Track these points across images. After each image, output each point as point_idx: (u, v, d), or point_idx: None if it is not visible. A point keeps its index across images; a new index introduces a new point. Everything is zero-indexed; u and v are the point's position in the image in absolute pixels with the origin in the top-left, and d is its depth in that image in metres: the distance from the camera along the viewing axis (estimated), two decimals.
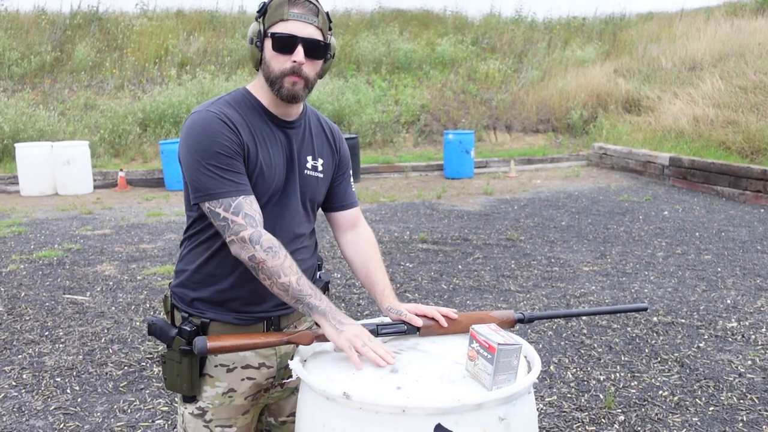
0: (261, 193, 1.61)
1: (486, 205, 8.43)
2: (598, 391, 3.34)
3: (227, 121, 1.55)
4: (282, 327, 1.70)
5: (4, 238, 6.86)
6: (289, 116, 1.67)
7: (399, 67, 14.87)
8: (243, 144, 1.56)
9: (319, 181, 1.72)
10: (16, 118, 11.38)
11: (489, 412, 1.37)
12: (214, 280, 1.65)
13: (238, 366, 1.65)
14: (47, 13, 15.44)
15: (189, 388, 1.64)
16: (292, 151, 1.66)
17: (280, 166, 1.64)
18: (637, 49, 15.58)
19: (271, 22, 1.55)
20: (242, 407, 1.68)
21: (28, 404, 3.26)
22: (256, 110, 1.63)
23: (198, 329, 1.62)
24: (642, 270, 5.45)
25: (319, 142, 1.73)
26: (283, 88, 1.57)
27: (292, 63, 1.54)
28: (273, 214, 1.64)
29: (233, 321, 1.65)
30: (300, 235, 1.71)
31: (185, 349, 1.59)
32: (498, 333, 1.44)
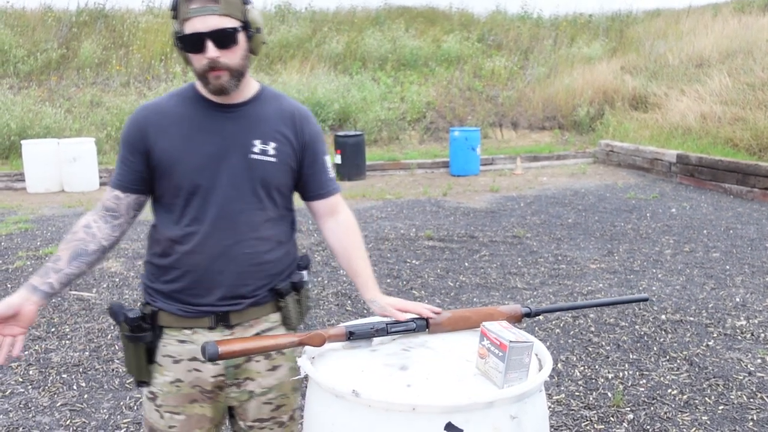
0: (181, 182, 1.61)
1: (492, 203, 8.41)
2: (606, 390, 3.32)
3: (137, 118, 1.64)
4: (232, 323, 1.66)
5: (11, 234, 6.87)
6: (231, 101, 1.64)
7: (405, 64, 14.83)
8: (146, 140, 1.61)
9: (272, 166, 1.65)
10: (22, 115, 11.39)
11: (500, 410, 1.36)
12: (160, 271, 1.68)
13: (185, 358, 1.66)
14: (53, 10, 15.45)
15: (138, 372, 1.67)
16: (231, 136, 1.63)
17: (208, 154, 1.61)
18: (644, 46, 15.49)
19: (180, 23, 1.55)
20: (190, 396, 1.68)
21: (34, 400, 3.26)
22: (193, 100, 1.65)
23: (145, 317, 1.65)
24: (650, 267, 5.42)
25: (271, 126, 1.67)
26: (209, 84, 1.57)
27: (207, 59, 1.53)
28: (207, 203, 1.61)
29: (178, 312, 1.65)
30: (250, 224, 1.65)
31: (128, 335, 1.64)
32: (509, 330, 1.42)
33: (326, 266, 5.57)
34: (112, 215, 1.66)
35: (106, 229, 1.65)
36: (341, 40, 15.07)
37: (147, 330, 1.65)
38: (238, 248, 1.63)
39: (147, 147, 1.61)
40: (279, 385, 1.73)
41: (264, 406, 1.72)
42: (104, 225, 1.65)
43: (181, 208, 1.63)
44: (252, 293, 1.67)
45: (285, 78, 13.27)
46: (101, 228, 1.64)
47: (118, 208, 1.66)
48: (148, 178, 1.65)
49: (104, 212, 1.66)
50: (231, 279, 1.63)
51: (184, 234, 1.62)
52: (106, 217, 1.66)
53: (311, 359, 1.57)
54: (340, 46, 14.87)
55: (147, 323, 1.65)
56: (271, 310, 1.72)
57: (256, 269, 1.66)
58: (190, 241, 1.62)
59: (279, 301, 1.72)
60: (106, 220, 1.66)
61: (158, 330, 1.67)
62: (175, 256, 1.64)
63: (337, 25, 15.96)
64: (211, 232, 1.62)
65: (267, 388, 1.71)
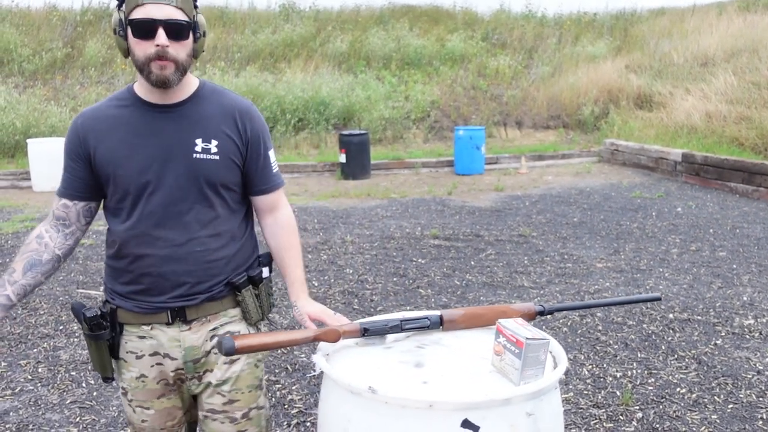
0: (126, 186, 1.62)
1: (497, 202, 8.40)
2: (614, 388, 3.31)
3: (76, 124, 1.66)
4: (189, 319, 1.67)
5: (18, 233, 6.89)
6: (169, 101, 1.63)
7: (409, 63, 14.82)
8: (86, 147, 1.63)
9: (215, 164, 1.64)
10: (27, 114, 11.42)
11: (517, 407, 1.36)
12: (117, 273, 1.70)
13: (146, 354, 1.69)
14: (58, 9, 15.48)
15: (101, 369, 1.71)
16: (172, 136, 1.62)
17: (151, 156, 1.61)
18: (648, 45, 15.46)
19: (129, 9, 1.53)
20: (155, 391, 1.72)
21: (44, 398, 3.27)
22: (131, 102, 1.64)
23: (103, 315, 1.67)
24: (656, 267, 5.41)
25: (213, 124, 1.66)
26: (151, 74, 1.54)
27: (156, 47, 1.52)
28: (153, 204, 1.62)
29: (135, 309, 1.67)
30: (199, 222, 1.65)
31: (87, 333, 1.67)
32: (525, 327, 1.42)
33: (332, 265, 5.57)
34: (63, 224, 1.69)
35: (58, 239, 1.68)
36: (345, 39, 15.07)
37: (105, 328, 1.67)
38: (189, 247, 1.65)
39: (87, 153, 1.63)
40: (235, 379, 1.73)
41: (216, 396, 1.73)
42: (56, 234, 1.68)
43: (128, 212, 1.64)
44: (207, 289, 1.68)
45: (289, 77, 13.27)
46: (53, 237, 1.68)
47: (68, 217, 1.69)
48: (93, 185, 1.67)
49: (55, 221, 1.69)
50: (184, 278, 1.65)
51: (134, 236, 1.63)
52: (58, 226, 1.69)
53: (326, 356, 1.57)
54: (345, 45, 14.87)
55: (106, 321, 1.67)
56: (229, 305, 1.73)
57: (209, 266, 1.67)
58: (140, 243, 1.63)
59: (237, 295, 1.73)
60: (58, 229, 1.69)
61: (119, 327, 1.70)
62: (128, 259, 1.66)
63: (341, 24, 15.96)
64: (160, 233, 1.63)
65: (221, 381, 1.72)
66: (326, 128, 12.30)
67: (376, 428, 1.37)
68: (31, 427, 2.99)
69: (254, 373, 1.77)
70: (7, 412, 3.12)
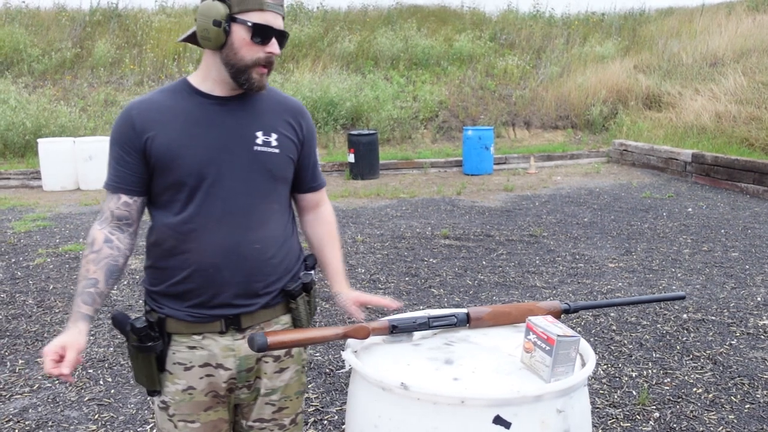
0: (184, 177, 1.55)
1: (507, 202, 8.40)
2: (630, 388, 3.31)
3: (129, 113, 1.57)
4: (243, 327, 1.62)
5: (30, 232, 6.93)
6: (229, 93, 1.61)
7: (417, 63, 14.83)
8: (141, 137, 1.55)
9: (276, 157, 1.62)
10: (37, 114, 11.48)
11: (548, 404, 1.36)
12: (165, 274, 1.62)
13: (196, 365, 1.61)
14: (67, 9, 15.56)
15: (148, 382, 1.62)
16: (233, 128, 1.59)
17: (211, 147, 1.56)
18: (657, 45, 15.43)
19: (245, 9, 1.50)
20: (203, 404, 1.64)
21: (62, 395, 3.29)
22: (188, 94, 1.60)
23: (151, 325, 1.58)
24: (669, 267, 5.40)
25: (271, 118, 1.64)
26: (251, 79, 1.54)
27: (267, 54, 1.53)
28: (211, 197, 1.56)
29: (187, 318, 1.59)
30: (258, 219, 1.61)
31: (136, 345, 1.57)
32: (555, 324, 1.43)
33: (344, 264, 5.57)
34: (126, 223, 1.61)
35: (126, 240, 1.61)
36: (353, 39, 15.09)
37: (156, 339, 1.58)
38: (249, 243, 1.59)
39: (143, 144, 1.55)
40: (284, 387, 1.71)
41: (266, 407, 1.70)
42: (122, 235, 1.61)
43: (183, 205, 1.57)
44: (263, 291, 1.63)
45: (297, 77, 13.30)
46: (121, 239, 1.60)
47: (131, 215, 1.61)
48: (148, 178, 1.59)
49: (117, 222, 1.60)
50: (241, 276, 1.59)
51: (189, 232, 1.56)
52: (121, 226, 1.61)
53: (354, 352, 1.58)
54: (353, 46, 14.89)
55: (155, 332, 1.59)
56: (281, 312, 1.70)
57: (266, 264, 1.62)
58: (196, 239, 1.56)
59: (290, 302, 1.69)
60: (122, 230, 1.61)
61: (167, 337, 1.61)
62: (180, 257, 1.58)
63: (349, 24, 15.98)
64: (218, 228, 1.56)
65: (271, 389, 1.69)
66: (335, 128, 12.32)
67: (407, 424, 1.37)
68: (50, 423, 3.01)
69: (301, 380, 1.76)
70: (26, 409, 3.15)
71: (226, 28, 1.51)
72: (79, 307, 1.54)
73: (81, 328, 1.53)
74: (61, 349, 1.49)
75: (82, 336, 1.52)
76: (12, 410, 3.14)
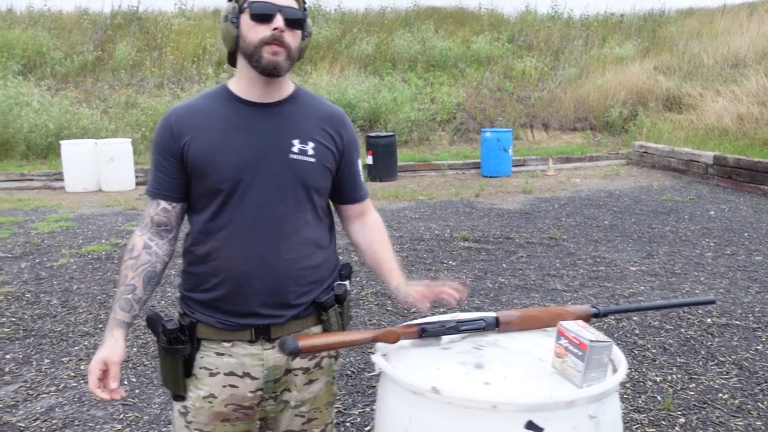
0: (219, 182, 1.54)
1: (526, 204, 8.36)
2: (655, 393, 3.28)
3: (169, 119, 1.59)
4: (273, 337, 1.59)
5: (53, 232, 7.01)
6: (267, 99, 1.59)
7: (434, 65, 14.82)
8: (179, 142, 1.56)
9: (311, 166, 1.60)
10: (60, 116, 11.63)
11: (580, 409, 1.35)
12: (198, 279, 1.62)
13: (222, 372, 1.59)
14: (89, 13, 15.74)
15: (174, 386, 1.61)
16: (269, 135, 1.57)
17: (246, 153, 1.55)
18: (677, 46, 15.29)
19: None
20: (221, 415, 1.61)
21: (87, 394, 3.32)
22: (227, 100, 1.59)
23: (183, 328, 1.59)
24: (691, 270, 5.35)
25: (309, 126, 1.62)
26: (262, 58, 1.51)
27: (272, 31, 1.50)
28: (244, 204, 1.55)
29: (217, 325, 1.59)
30: (291, 227, 1.59)
31: (165, 347, 1.58)
32: (587, 330, 1.42)
33: (364, 266, 5.57)
34: (166, 229, 1.62)
35: (164, 246, 1.62)
36: (371, 41, 15.11)
37: (185, 342, 1.58)
38: (279, 253, 1.57)
39: (180, 149, 1.56)
40: (313, 399, 1.70)
41: (296, 419, 1.69)
42: (161, 242, 1.62)
43: (216, 211, 1.56)
44: (294, 302, 1.61)
45: (315, 79, 13.34)
46: (160, 245, 1.61)
47: (170, 221, 1.62)
48: (185, 184, 1.59)
49: (156, 228, 1.61)
50: (272, 285, 1.57)
51: (220, 239, 1.56)
52: (160, 232, 1.61)
53: (383, 356, 1.58)
54: (370, 47, 14.91)
55: (185, 335, 1.59)
56: (312, 324, 1.67)
57: (297, 275, 1.60)
58: (227, 246, 1.56)
59: (321, 314, 1.67)
60: (161, 236, 1.62)
61: (196, 342, 1.61)
62: (212, 263, 1.58)
63: (366, 26, 16.01)
64: (249, 236, 1.55)
65: (301, 401, 1.68)
66: None
67: (437, 428, 1.37)
68: (76, 423, 3.05)
69: (331, 390, 1.74)
70: (53, 408, 3.19)
71: (234, 20, 1.54)
72: (116, 313, 1.55)
73: (117, 337, 1.54)
74: (103, 364, 1.51)
75: (119, 346, 1.54)
76: (39, 409, 3.18)
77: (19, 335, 4.13)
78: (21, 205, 8.67)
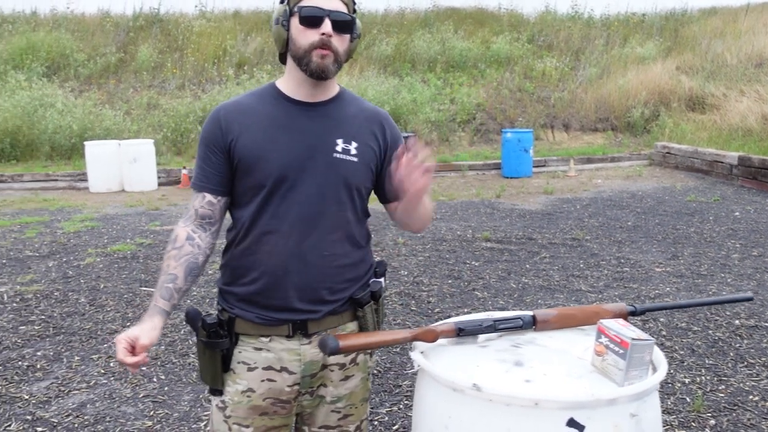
0: (264, 179, 1.57)
1: (547, 205, 8.32)
2: (684, 395, 3.25)
3: (218, 114, 1.61)
4: (310, 332, 1.62)
5: (79, 232, 7.11)
6: (314, 99, 1.62)
7: (454, 65, 14.80)
8: (227, 137, 1.58)
9: (354, 166, 1.62)
10: (83, 117, 11.79)
11: (621, 407, 1.35)
12: (237, 273, 1.64)
13: (260, 367, 1.61)
14: (111, 15, 15.94)
15: (212, 380, 1.63)
16: (314, 134, 1.60)
17: (292, 151, 1.57)
18: (700, 46, 15.12)
19: (294, 4, 1.55)
20: (260, 408, 1.62)
21: (118, 391, 3.37)
22: (274, 98, 1.62)
23: (222, 323, 1.61)
24: (717, 272, 5.29)
25: (353, 126, 1.64)
26: (311, 62, 1.54)
27: (321, 36, 1.52)
28: (288, 201, 1.58)
29: (256, 320, 1.61)
30: (331, 226, 1.61)
31: (204, 341, 1.59)
32: (628, 328, 1.42)
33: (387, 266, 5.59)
34: (209, 222, 1.64)
35: (207, 238, 1.64)
36: (390, 42, 15.13)
37: (224, 336, 1.60)
38: (318, 250, 1.60)
39: (227, 144, 1.58)
40: (349, 395, 1.71)
41: (332, 414, 1.70)
42: (204, 234, 1.63)
43: (259, 207, 1.59)
44: (330, 298, 1.63)
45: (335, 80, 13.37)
46: (203, 237, 1.63)
47: (214, 214, 1.64)
48: (231, 179, 1.62)
49: (200, 220, 1.63)
50: (309, 281, 1.60)
51: (261, 234, 1.58)
52: (204, 225, 1.63)
53: (421, 353, 1.58)
54: (390, 48, 14.93)
55: (224, 330, 1.61)
56: (348, 319, 1.69)
57: (334, 272, 1.63)
58: (267, 241, 1.58)
59: (357, 310, 1.69)
60: (205, 229, 1.64)
61: (234, 337, 1.63)
62: (251, 258, 1.60)
63: (386, 27, 16.03)
64: (291, 232, 1.58)
65: (337, 397, 1.70)
66: None
67: (478, 425, 1.37)
68: (107, 419, 3.09)
69: (366, 386, 1.76)
70: (84, 405, 3.23)
71: (284, 23, 1.56)
72: (157, 301, 1.57)
73: (156, 323, 1.55)
74: (133, 339, 1.50)
75: (155, 330, 1.54)
76: (71, 405, 3.23)
77: (49, 333, 4.19)
78: (46, 205, 8.80)
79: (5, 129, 11.27)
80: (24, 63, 13.28)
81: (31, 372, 3.62)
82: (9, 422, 3.07)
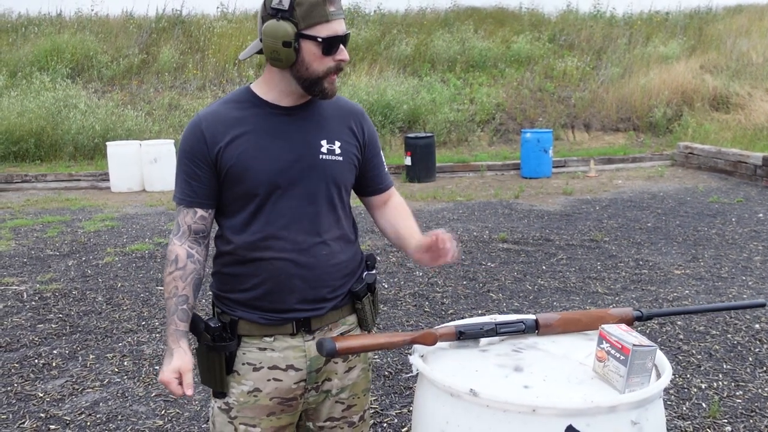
0: (254, 188, 1.57)
1: (566, 205, 8.24)
2: (700, 400, 3.19)
3: (199, 126, 1.58)
4: (313, 329, 1.64)
5: (99, 231, 7.20)
6: (292, 102, 1.61)
7: (474, 65, 14.72)
8: (212, 150, 1.56)
9: (339, 165, 1.64)
10: (105, 118, 11.94)
11: (622, 415, 1.33)
12: (236, 280, 1.64)
13: (265, 366, 1.62)
14: (134, 17, 16.13)
15: (217, 383, 1.63)
16: (298, 138, 1.60)
17: (280, 158, 1.57)
18: (725, 44, 14.87)
19: (312, 23, 1.49)
20: (267, 408, 1.64)
21: (130, 390, 3.40)
22: (252, 104, 1.60)
23: (225, 326, 1.61)
24: (739, 275, 5.19)
25: (334, 124, 1.65)
26: (325, 89, 1.56)
27: (337, 62, 1.53)
28: (280, 206, 1.58)
29: (259, 321, 1.62)
30: (325, 225, 1.63)
31: (209, 345, 1.60)
32: (630, 333, 1.39)
33: (402, 267, 5.58)
34: (203, 236, 1.65)
35: (203, 252, 1.66)
36: (410, 42, 15.10)
37: (229, 339, 1.61)
38: (316, 250, 1.61)
39: (213, 157, 1.57)
40: (352, 386, 1.74)
41: (337, 406, 1.73)
42: (200, 248, 1.65)
43: (252, 215, 1.59)
44: (331, 295, 1.65)
45: (354, 80, 13.40)
46: (200, 252, 1.65)
47: (206, 227, 1.64)
48: (218, 190, 1.61)
49: (195, 236, 1.63)
50: (310, 282, 1.61)
51: (258, 241, 1.59)
52: (198, 240, 1.64)
53: (421, 357, 1.57)
54: (409, 48, 14.90)
55: (227, 332, 1.62)
56: (347, 313, 1.73)
57: (333, 270, 1.65)
58: (266, 248, 1.59)
59: (356, 303, 1.72)
60: (200, 243, 1.65)
61: (237, 338, 1.64)
62: (251, 265, 1.60)
63: (406, 27, 16.00)
64: (287, 236, 1.59)
65: (341, 389, 1.72)
66: (391, 131, 12.36)
67: (475, 431, 1.36)
68: (119, 417, 3.12)
69: (367, 377, 1.80)
70: (97, 403, 3.27)
71: (296, 46, 1.50)
72: (177, 325, 1.58)
73: (184, 347, 1.58)
74: (177, 373, 1.56)
75: (188, 355, 1.58)
76: (84, 403, 3.26)
77: (65, 331, 4.25)
78: (68, 205, 8.93)
79: (30, 129, 11.46)
80: (49, 65, 13.48)
81: (47, 370, 3.67)
82: (23, 420, 3.11)
